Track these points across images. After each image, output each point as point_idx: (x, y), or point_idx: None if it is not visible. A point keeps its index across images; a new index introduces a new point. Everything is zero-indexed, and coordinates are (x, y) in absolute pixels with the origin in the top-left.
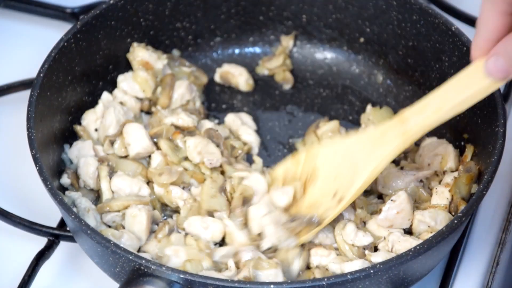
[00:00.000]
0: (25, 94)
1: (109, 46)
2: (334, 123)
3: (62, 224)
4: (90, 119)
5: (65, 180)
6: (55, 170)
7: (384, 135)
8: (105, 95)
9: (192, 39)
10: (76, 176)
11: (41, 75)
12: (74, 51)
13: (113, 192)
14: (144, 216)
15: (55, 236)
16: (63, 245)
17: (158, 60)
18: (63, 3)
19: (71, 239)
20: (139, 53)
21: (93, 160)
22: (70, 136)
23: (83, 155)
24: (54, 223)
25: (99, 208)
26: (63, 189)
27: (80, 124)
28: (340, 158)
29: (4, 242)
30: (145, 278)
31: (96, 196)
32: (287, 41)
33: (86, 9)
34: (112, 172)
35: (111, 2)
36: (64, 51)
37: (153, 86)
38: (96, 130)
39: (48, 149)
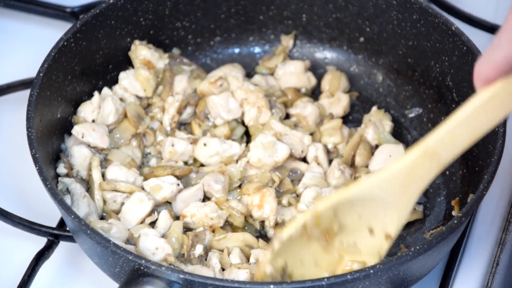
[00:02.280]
0: (25, 94)
1: (109, 45)
2: (337, 121)
3: (61, 224)
4: (87, 111)
5: (62, 169)
6: (54, 166)
7: (413, 172)
8: (105, 90)
9: (192, 38)
10: (71, 165)
11: (41, 74)
12: (74, 51)
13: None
14: (149, 206)
15: (55, 236)
16: (62, 245)
17: (159, 60)
18: (63, 2)
19: (70, 239)
20: (142, 52)
21: (86, 149)
22: (70, 135)
23: (77, 144)
24: (53, 223)
25: (104, 184)
26: (57, 176)
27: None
28: (363, 203)
29: (4, 242)
30: (144, 278)
31: (88, 187)
32: (287, 41)
33: (86, 8)
34: (104, 161)
35: (111, 1)
36: (64, 50)
37: (154, 86)
38: (93, 121)
39: (48, 148)
